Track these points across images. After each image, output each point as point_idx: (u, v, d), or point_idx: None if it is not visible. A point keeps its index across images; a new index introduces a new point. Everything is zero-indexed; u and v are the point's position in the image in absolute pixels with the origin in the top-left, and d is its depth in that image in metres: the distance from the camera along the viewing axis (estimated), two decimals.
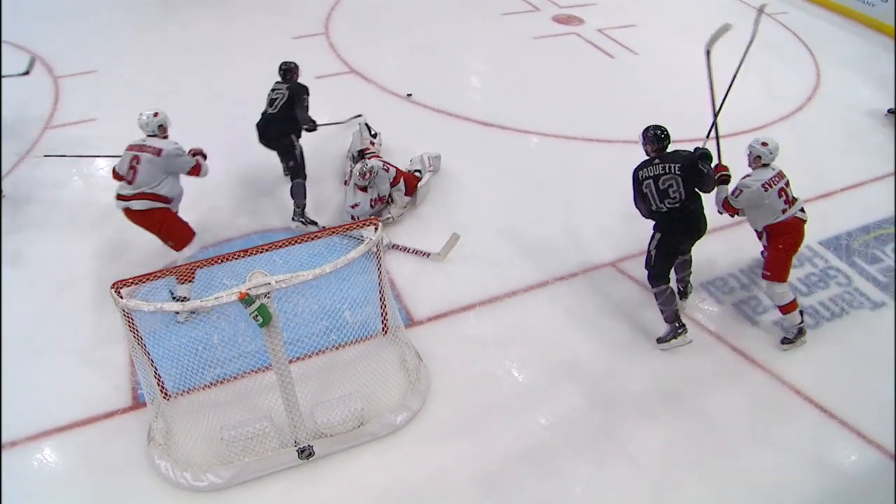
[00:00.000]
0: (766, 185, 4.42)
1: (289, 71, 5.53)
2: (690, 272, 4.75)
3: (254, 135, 5.55)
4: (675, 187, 4.23)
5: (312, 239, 3.73)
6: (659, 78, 8.06)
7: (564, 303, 4.83)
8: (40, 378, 4.17)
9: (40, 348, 4.37)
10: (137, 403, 4.02)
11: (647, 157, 4.39)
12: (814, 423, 4.10)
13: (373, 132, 6.07)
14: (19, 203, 5.54)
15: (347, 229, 4.03)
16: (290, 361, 3.53)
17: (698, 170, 4.23)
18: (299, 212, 5.39)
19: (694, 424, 4.06)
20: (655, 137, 4.37)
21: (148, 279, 3.57)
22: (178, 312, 4.22)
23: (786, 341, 4.56)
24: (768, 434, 4.02)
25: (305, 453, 3.69)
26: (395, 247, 5.18)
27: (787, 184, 4.54)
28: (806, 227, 4.54)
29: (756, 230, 4.69)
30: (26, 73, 6.33)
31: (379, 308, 4.23)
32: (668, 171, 4.24)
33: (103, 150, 5.52)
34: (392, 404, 3.97)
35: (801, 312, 4.54)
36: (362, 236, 3.94)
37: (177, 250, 4.62)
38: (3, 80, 6.07)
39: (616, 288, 4.98)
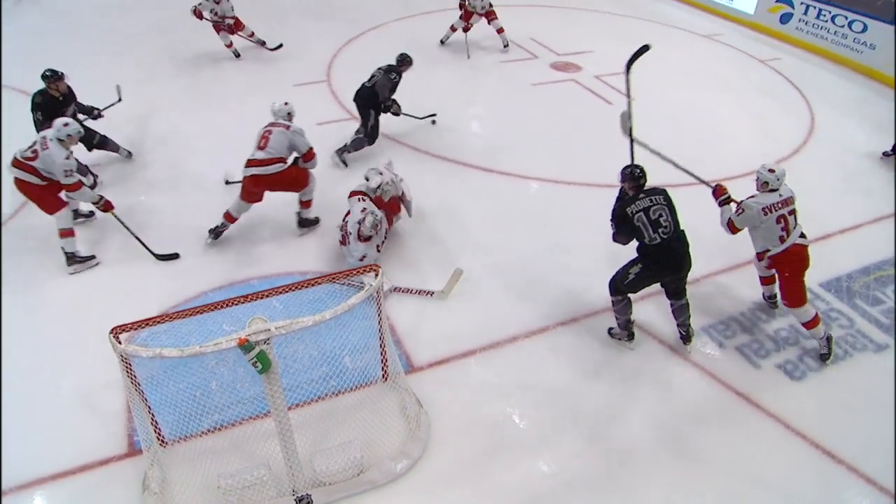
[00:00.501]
0: (767, 210, 4.58)
1: (401, 61, 6.99)
2: (689, 315, 4.75)
3: None
4: (665, 216, 4.45)
5: (312, 285, 3.73)
6: (656, 123, 8.15)
7: (565, 348, 4.80)
8: (35, 422, 4.13)
9: (36, 390, 4.34)
10: (133, 450, 3.96)
11: (628, 196, 4.55)
12: (818, 468, 4.04)
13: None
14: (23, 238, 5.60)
15: (347, 276, 4.03)
16: (289, 408, 3.49)
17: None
18: (342, 151, 6.80)
19: (697, 469, 4.00)
20: (633, 175, 4.58)
21: (147, 325, 3.56)
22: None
23: (824, 357, 4.74)
24: (772, 478, 3.96)
25: (304, 502, 3.62)
26: (396, 290, 5.17)
27: (792, 212, 4.67)
28: (809, 250, 4.66)
29: (756, 251, 4.87)
30: (119, 100, 7.00)
31: (379, 354, 4.20)
32: (655, 202, 4.48)
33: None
34: (392, 452, 3.92)
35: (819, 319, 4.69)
36: (362, 283, 3.94)
37: (305, 190, 5.73)
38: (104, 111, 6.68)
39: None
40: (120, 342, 3.29)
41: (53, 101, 5.95)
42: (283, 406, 3.38)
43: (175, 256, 5.47)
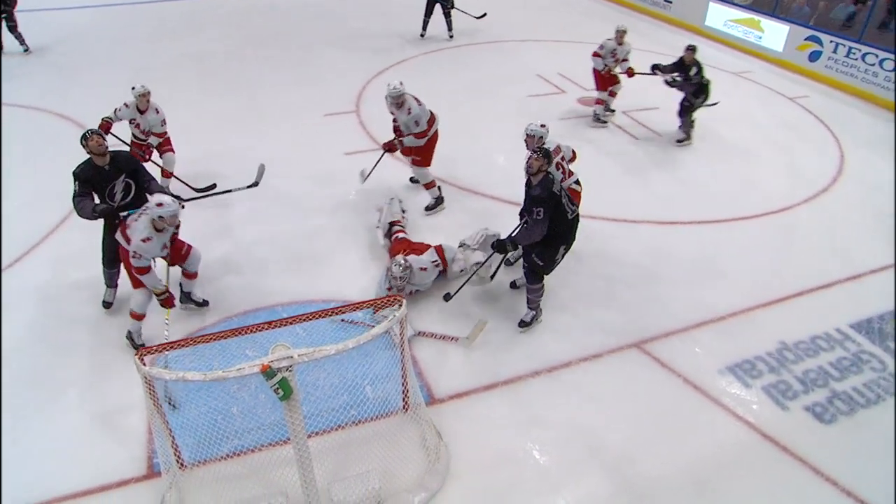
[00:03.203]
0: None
1: None
2: None
3: (285, 206, 5.67)
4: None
5: (336, 313, 3.74)
6: (683, 159, 8.17)
7: (587, 384, 4.74)
8: (58, 442, 4.17)
9: (60, 409, 4.39)
10: (152, 473, 3.97)
11: (541, 177, 4.63)
12: None
13: (403, 208, 6.18)
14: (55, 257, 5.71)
15: (371, 305, 4.04)
16: (309, 436, 3.48)
17: None
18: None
19: None
20: (545, 152, 4.68)
21: (172, 347, 3.60)
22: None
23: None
24: None
25: None
26: (420, 334, 5.11)
27: (563, 159, 5.55)
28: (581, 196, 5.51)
29: None
30: (255, 184, 6.02)
31: (400, 385, 4.18)
32: (556, 169, 4.93)
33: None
34: (410, 484, 3.88)
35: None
36: (384, 316, 3.94)
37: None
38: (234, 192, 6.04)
39: (640, 370, 4.89)
40: (144, 364, 3.32)
41: (96, 171, 4.68)
42: (302, 433, 3.38)
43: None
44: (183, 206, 5.45)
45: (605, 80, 8.88)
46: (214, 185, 6.37)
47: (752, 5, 12.62)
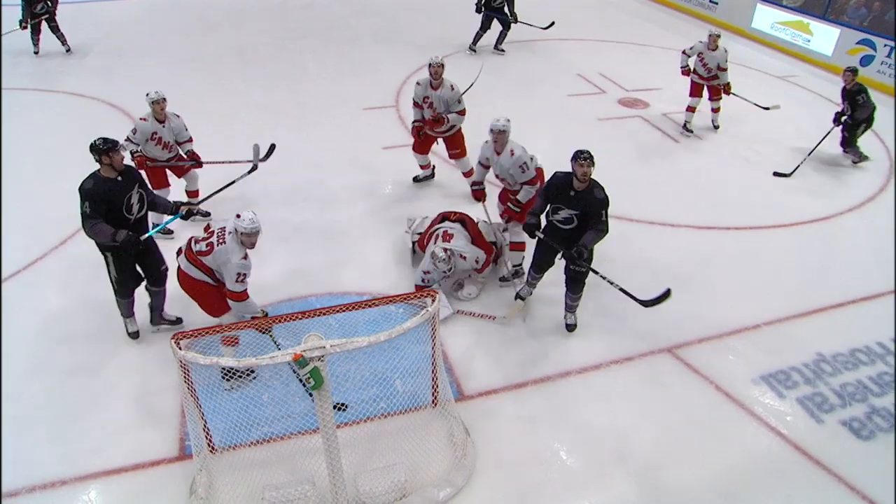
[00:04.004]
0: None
1: None
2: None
3: (321, 198, 5.71)
4: None
5: (369, 306, 3.77)
6: (724, 163, 8.03)
7: (618, 387, 4.70)
8: (96, 419, 4.30)
9: (101, 390, 4.51)
10: (184, 455, 4.07)
11: (591, 182, 4.61)
12: None
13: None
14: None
15: (405, 299, 4.06)
16: (338, 426, 3.52)
17: None
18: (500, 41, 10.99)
19: None
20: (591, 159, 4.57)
21: (208, 333, 3.68)
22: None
23: (503, 280, 5.56)
24: None
25: None
26: (459, 312, 5.25)
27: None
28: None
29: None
30: (254, 167, 6.04)
31: (430, 379, 4.20)
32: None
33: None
34: (436, 478, 3.89)
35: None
36: (422, 305, 3.95)
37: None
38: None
39: (672, 375, 4.83)
40: (180, 348, 3.39)
41: (110, 185, 4.33)
42: (332, 424, 3.42)
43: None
44: (208, 214, 5.60)
45: (698, 87, 8.44)
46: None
47: (801, 7, 12.30)
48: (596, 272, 4.79)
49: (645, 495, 3.96)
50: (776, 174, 7.75)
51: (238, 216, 4.08)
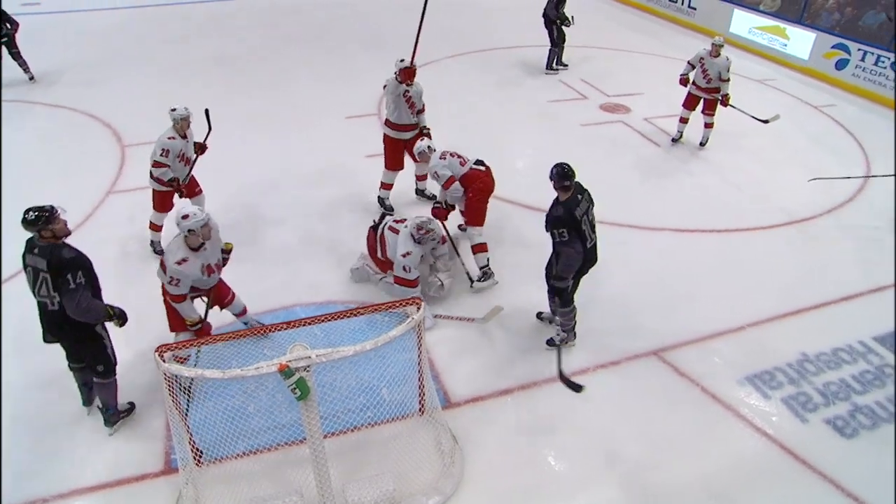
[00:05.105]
0: (442, 155, 5.62)
1: None
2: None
3: (305, 207, 5.68)
4: (593, 215, 4.59)
5: (354, 315, 3.76)
6: (710, 166, 8.11)
7: (605, 391, 4.71)
8: (80, 435, 4.23)
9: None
10: (169, 468, 4.01)
11: (565, 198, 4.43)
12: None
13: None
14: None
15: (389, 307, 4.05)
16: (325, 436, 3.50)
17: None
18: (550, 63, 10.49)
19: None
20: (563, 174, 4.41)
21: (192, 345, 3.65)
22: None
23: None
24: None
25: None
26: (437, 316, 5.27)
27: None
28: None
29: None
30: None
31: (417, 387, 4.18)
32: (587, 200, 4.54)
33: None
34: (424, 487, 3.88)
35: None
36: (405, 314, 3.95)
37: None
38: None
39: (658, 378, 4.85)
40: (164, 361, 3.36)
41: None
42: (319, 434, 3.40)
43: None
44: None
45: (694, 99, 8.22)
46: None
47: (778, 12, 12.49)
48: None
49: (634, 498, 3.97)
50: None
51: (185, 216, 4.01)
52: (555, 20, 10.39)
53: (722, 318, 5.40)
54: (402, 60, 6.33)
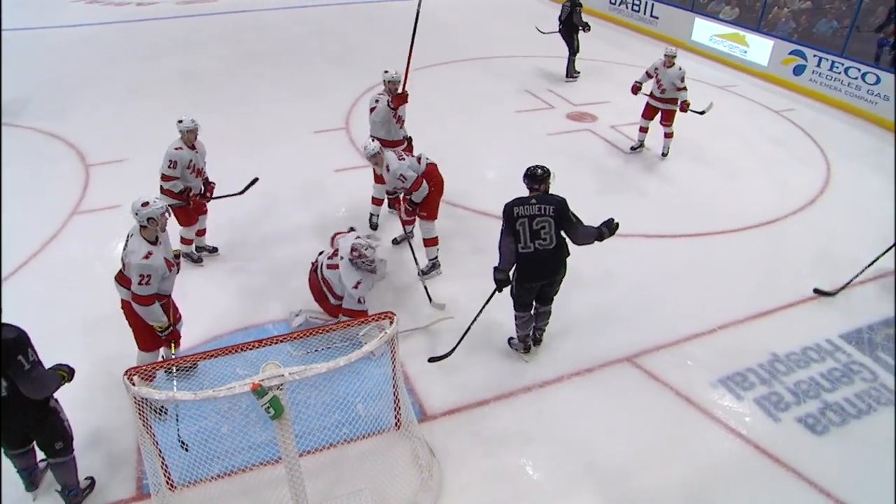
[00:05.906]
0: (400, 157, 5.58)
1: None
2: (547, 323, 5.00)
3: (274, 224, 5.61)
4: (548, 229, 4.47)
5: (327, 331, 3.73)
6: (672, 174, 8.22)
7: (580, 399, 4.73)
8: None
9: None
10: (141, 494, 3.92)
11: (524, 196, 4.56)
12: None
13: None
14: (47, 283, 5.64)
15: (362, 323, 4.03)
16: (301, 455, 3.45)
17: (569, 217, 4.55)
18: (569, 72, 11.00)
19: None
20: (527, 172, 4.63)
21: (161, 367, 3.58)
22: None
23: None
24: None
25: None
26: (402, 332, 5.19)
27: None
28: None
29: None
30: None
31: (392, 402, 4.16)
32: (543, 212, 4.48)
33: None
34: (403, 502, 3.84)
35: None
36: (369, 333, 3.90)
37: None
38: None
39: (632, 383, 4.89)
40: (134, 384, 3.29)
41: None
42: (294, 452, 3.35)
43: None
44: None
45: (651, 110, 8.28)
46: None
47: (737, 20, 12.79)
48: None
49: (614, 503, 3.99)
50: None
51: (144, 204, 3.92)
52: (580, 27, 10.92)
53: (693, 322, 5.47)
54: (386, 72, 6.33)
